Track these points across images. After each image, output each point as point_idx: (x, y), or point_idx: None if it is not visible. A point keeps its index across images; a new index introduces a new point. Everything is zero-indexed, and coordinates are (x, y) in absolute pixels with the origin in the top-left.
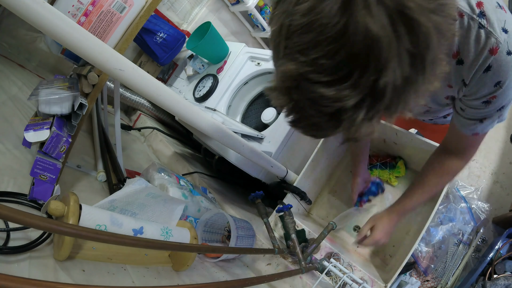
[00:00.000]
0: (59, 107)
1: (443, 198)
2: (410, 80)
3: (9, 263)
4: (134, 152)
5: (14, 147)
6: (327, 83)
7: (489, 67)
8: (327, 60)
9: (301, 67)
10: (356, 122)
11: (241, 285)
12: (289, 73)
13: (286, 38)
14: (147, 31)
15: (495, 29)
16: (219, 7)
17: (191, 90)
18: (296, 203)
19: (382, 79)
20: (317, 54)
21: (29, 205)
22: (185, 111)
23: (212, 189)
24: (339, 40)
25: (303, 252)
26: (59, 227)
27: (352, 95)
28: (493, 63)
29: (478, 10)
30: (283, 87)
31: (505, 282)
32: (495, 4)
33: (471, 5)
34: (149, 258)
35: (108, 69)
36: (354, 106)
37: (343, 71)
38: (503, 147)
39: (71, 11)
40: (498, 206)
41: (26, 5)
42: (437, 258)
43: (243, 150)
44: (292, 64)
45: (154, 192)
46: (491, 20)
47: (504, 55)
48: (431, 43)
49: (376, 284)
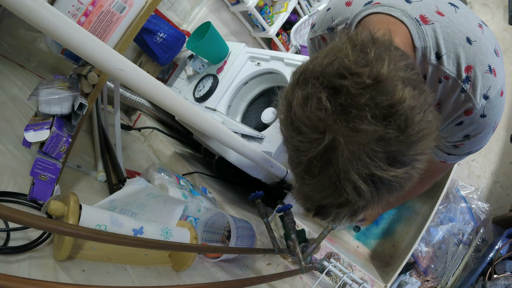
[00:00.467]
0: (59, 107)
1: (443, 198)
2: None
3: (9, 263)
4: (134, 152)
5: (14, 147)
6: (334, 207)
7: (461, 122)
8: (330, 200)
9: (316, 204)
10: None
11: (241, 285)
12: (309, 205)
13: (303, 184)
14: (147, 31)
15: (475, 95)
16: (219, 7)
17: (191, 90)
18: (296, 203)
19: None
20: (324, 198)
21: (29, 205)
22: (185, 111)
23: (212, 189)
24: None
25: (303, 252)
26: (59, 227)
27: (346, 211)
28: (465, 120)
29: (465, 75)
30: (306, 210)
31: (505, 282)
32: (485, 68)
33: (459, 70)
34: (149, 258)
35: (108, 69)
36: (348, 216)
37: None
38: (503, 147)
39: (71, 11)
40: (498, 206)
41: (26, 5)
42: (437, 258)
43: (243, 150)
44: (309, 203)
45: (154, 192)
46: (474, 86)
47: (477, 117)
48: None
49: (376, 284)
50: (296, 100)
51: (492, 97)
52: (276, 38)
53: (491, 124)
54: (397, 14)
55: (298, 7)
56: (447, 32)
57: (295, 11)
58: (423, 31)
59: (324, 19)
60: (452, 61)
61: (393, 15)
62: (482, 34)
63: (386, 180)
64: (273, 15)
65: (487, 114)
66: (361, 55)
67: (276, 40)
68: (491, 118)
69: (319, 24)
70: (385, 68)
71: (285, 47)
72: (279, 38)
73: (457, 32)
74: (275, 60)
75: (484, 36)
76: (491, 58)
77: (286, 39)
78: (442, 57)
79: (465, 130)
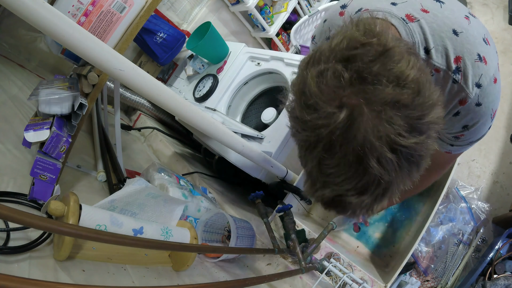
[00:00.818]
0: (59, 107)
1: (443, 198)
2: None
3: (9, 263)
4: (134, 152)
5: (14, 147)
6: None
7: (457, 112)
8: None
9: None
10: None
11: (241, 285)
12: (328, 194)
13: (321, 169)
14: (147, 31)
15: (467, 85)
16: (219, 7)
17: (191, 90)
18: (296, 203)
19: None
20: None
21: (29, 205)
22: (185, 111)
23: (212, 189)
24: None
25: (303, 252)
26: (59, 227)
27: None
28: (461, 110)
29: (454, 66)
30: (322, 203)
31: (505, 282)
32: (474, 57)
33: (449, 61)
34: (149, 258)
35: (108, 69)
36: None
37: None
38: (503, 147)
39: (71, 11)
40: (498, 206)
41: (26, 5)
42: (437, 258)
43: (243, 150)
44: (328, 191)
45: (154, 192)
46: (465, 75)
47: (472, 106)
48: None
49: (376, 284)
50: (310, 78)
51: (485, 84)
52: (276, 38)
53: (487, 111)
54: (384, 16)
55: (298, 7)
56: (432, 27)
57: (295, 11)
58: (410, 29)
59: (322, 30)
60: (440, 54)
61: (381, 18)
62: (469, 25)
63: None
64: (273, 15)
65: (482, 102)
66: (367, 30)
67: (276, 40)
68: (487, 105)
69: (318, 36)
70: (389, 39)
71: (285, 47)
72: (279, 38)
73: (442, 25)
74: (275, 60)
75: (471, 27)
76: (480, 46)
77: (286, 39)
78: (430, 51)
79: (463, 121)
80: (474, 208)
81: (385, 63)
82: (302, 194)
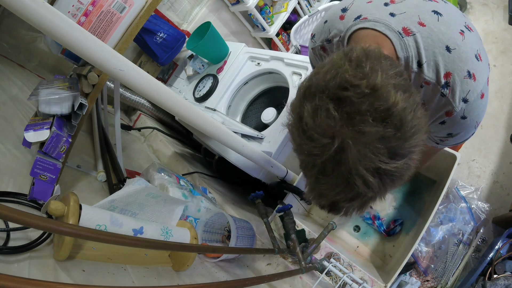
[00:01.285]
0: (59, 107)
1: (443, 198)
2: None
3: (9, 263)
4: (134, 152)
5: (14, 147)
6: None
7: (443, 121)
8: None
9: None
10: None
11: (241, 285)
12: (323, 202)
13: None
14: (147, 31)
15: (454, 99)
16: (219, 7)
17: (191, 90)
18: (296, 203)
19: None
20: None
21: (29, 205)
22: (185, 111)
23: (212, 189)
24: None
25: (303, 252)
26: (59, 227)
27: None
28: (447, 120)
29: (443, 81)
30: (320, 207)
31: (505, 282)
32: (464, 74)
33: (438, 76)
34: (149, 258)
35: (108, 69)
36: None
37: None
38: (503, 147)
39: (71, 11)
40: (498, 206)
41: (26, 5)
42: (437, 258)
43: (243, 150)
44: (323, 200)
45: (154, 192)
46: (453, 91)
47: (458, 118)
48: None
49: (376, 284)
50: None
51: (471, 100)
52: (276, 38)
53: (472, 124)
54: (381, 28)
55: (298, 7)
56: (427, 42)
57: (295, 11)
58: (405, 43)
59: (322, 31)
60: (431, 68)
61: (378, 30)
62: (463, 41)
63: (389, 172)
64: (273, 15)
65: (468, 116)
66: (358, 69)
67: (276, 40)
68: (471, 119)
69: (318, 35)
70: (378, 78)
71: (285, 47)
72: (279, 38)
73: (437, 41)
74: (275, 60)
75: (464, 43)
76: (471, 64)
77: (286, 39)
78: (422, 65)
79: (448, 129)
80: (474, 208)
81: (372, 103)
82: (302, 194)
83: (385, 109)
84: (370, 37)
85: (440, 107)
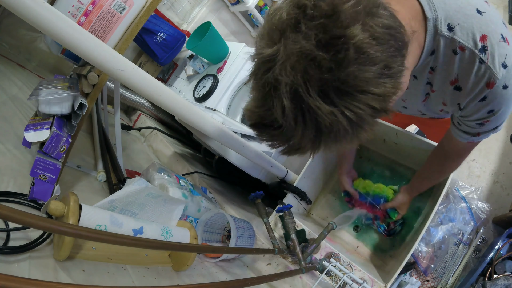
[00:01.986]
0: (59, 107)
1: (443, 198)
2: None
3: (9, 263)
4: (134, 152)
5: (14, 147)
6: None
7: (484, 97)
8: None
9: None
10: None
11: (241, 285)
12: (249, 119)
13: (251, 92)
14: (147, 31)
15: (494, 65)
16: (219, 7)
17: (191, 90)
18: (296, 203)
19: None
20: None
21: (29, 205)
22: (185, 111)
23: (212, 189)
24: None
25: (303, 252)
26: (59, 227)
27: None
28: (488, 94)
29: (480, 44)
30: (249, 124)
31: (505, 282)
32: (499, 37)
33: (475, 39)
34: (149, 258)
35: (108, 69)
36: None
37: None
38: (503, 147)
39: (71, 11)
40: (498, 206)
41: (26, 5)
42: (437, 258)
43: (243, 150)
44: (248, 116)
45: (154, 192)
46: (492, 55)
47: (500, 89)
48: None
49: (376, 284)
50: (269, 11)
51: (510, 65)
52: None
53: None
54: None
55: None
56: (457, 4)
57: None
58: (433, 3)
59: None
60: (466, 31)
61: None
62: (489, 7)
63: (311, 110)
64: None
65: (509, 84)
66: None
67: None
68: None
69: None
70: (348, 6)
71: None
72: None
73: (466, 4)
74: None
75: (491, 9)
76: (502, 28)
77: None
78: (455, 28)
79: (490, 105)
80: (474, 208)
81: (325, 24)
82: (302, 194)
83: (336, 36)
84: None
85: (479, 78)
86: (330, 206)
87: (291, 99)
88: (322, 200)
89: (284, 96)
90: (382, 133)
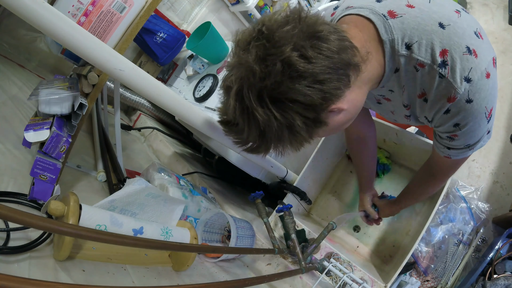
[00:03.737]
0: (59, 107)
1: (443, 198)
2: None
3: (9, 263)
4: (134, 152)
5: (14, 147)
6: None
7: (448, 110)
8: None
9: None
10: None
11: (241, 285)
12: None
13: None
14: (147, 31)
15: (455, 79)
16: (219, 7)
17: (191, 90)
18: (296, 203)
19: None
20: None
21: (29, 205)
22: (185, 111)
23: (212, 189)
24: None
25: (303, 252)
26: (59, 227)
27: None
28: (451, 108)
29: (440, 59)
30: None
31: (505, 282)
32: (463, 50)
33: (434, 55)
34: (149, 258)
35: (108, 69)
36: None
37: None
38: (503, 147)
39: (71, 11)
40: (498, 206)
41: (26, 5)
42: (437, 258)
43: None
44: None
45: (154, 192)
46: (453, 70)
47: (462, 103)
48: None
49: (376, 284)
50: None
51: (475, 79)
52: None
53: (480, 109)
54: (365, 13)
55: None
56: (417, 21)
57: None
58: (389, 25)
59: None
60: (424, 48)
61: (361, 14)
62: (459, 18)
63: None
64: None
65: (473, 99)
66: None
67: None
68: (478, 102)
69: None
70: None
71: None
72: None
73: (428, 19)
74: None
75: (460, 20)
76: (470, 39)
77: None
78: (413, 46)
79: (455, 118)
80: (474, 208)
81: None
82: (302, 194)
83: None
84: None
85: (441, 93)
86: (330, 206)
87: (238, 100)
88: (322, 200)
89: (233, 98)
90: (382, 133)
